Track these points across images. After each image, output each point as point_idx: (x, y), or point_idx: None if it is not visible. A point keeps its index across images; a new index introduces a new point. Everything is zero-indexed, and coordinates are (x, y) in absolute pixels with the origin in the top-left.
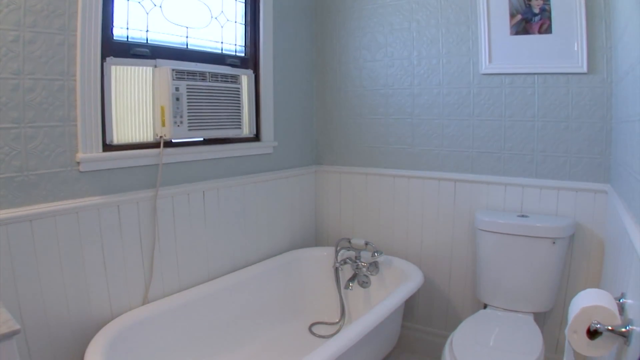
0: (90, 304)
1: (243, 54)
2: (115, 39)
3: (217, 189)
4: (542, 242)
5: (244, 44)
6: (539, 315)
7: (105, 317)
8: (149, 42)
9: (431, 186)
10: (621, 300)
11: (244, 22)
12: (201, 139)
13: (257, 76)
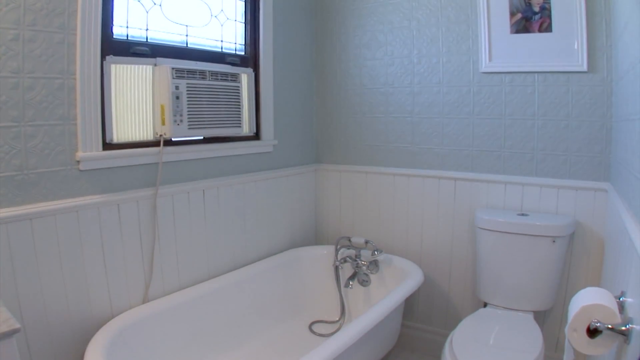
0: (90, 302)
1: (243, 53)
2: (115, 37)
3: (217, 188)
4: (542, 241)
5: (243, 43)
6: (539, 313)
7: (106, 316)
8: (148, 40)
9: (431, 185)
10: (621, 299)
11: (243, 21)
12: (201, 137)
13: (257, 75)
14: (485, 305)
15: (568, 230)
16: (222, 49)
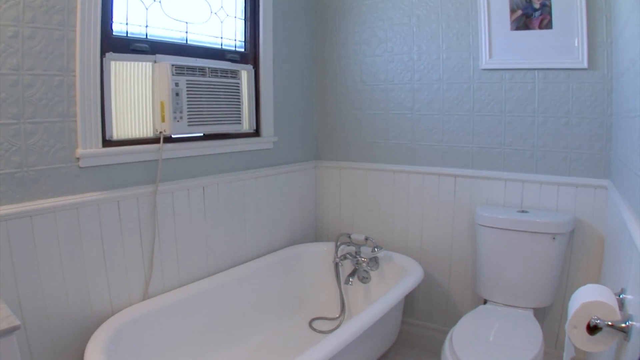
0: (91, 299)
1: (243, 49)
2: (114, 34)
3: (217, 185)
4: (542, 238)
5: (243, 39)
6: (538, 310)
7: (106, 313)
8: (148, 37)
9: (431, 181)
10: (621, 296)
11: (243, 18)
12: (201, 134)
13: (256, 71)
14: (485, 302)
15: (568, 227)
16: (222, 45)
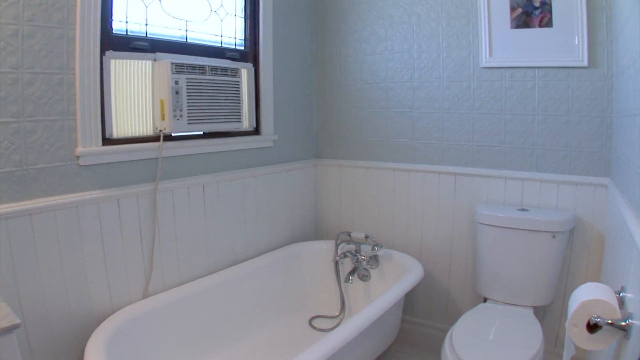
0: (91, 298)
1: (243, 48)
2: (114, 32)
3: (217, 183)
4: (542, 236)
5: (243, 38)
6: (538, 309)
7: (106, 311)
8: (148, 35)
9: (431, 180)
10: (621, 294)
11: (243, 16)
12: (201, 132)
13: (256, 70)
14: (485, 300)
15: (568, 225)
16: (221, 44)
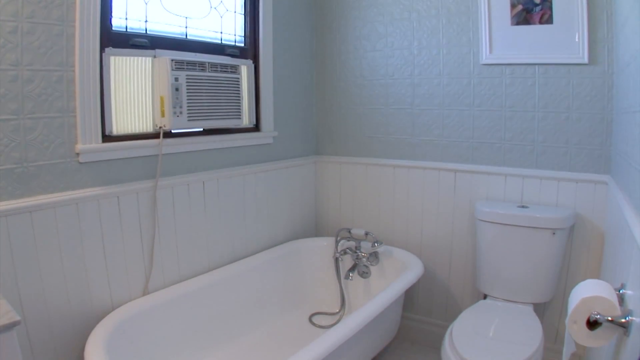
0: (91, 295)
1: (242, 44)
2: (114, 29)
3: (217, 180)
4: (542, 233)
5: (243, 34)
6: (538, 305)
7: (106, 308)
8: (148, 32)
9: (431, 176)
10: (621, 291)
11: (243, 12)
12: (201, 129)
13: (256, 66)
14: (485, 297)
15: (568, 222)
16: (221, 40)
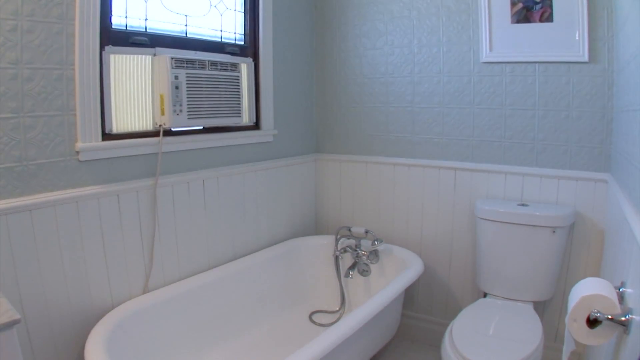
0: (91, 293)
1: (242, 43)
2: (113, 27)
3: (217, 178)
4: (542, 231)
5: (243, 32)
6: (538, 304)
7: (106, 307)
8: (147, 30)
9: (431, 175)
10: (621, 290)
11: (243, 10)
12: (201, 127)
13: (256, 64)
14: (485, 295)
15: (568, 220)
16: (221, 38)
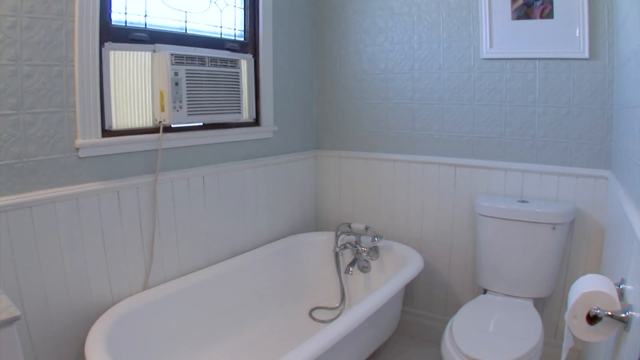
0: (91, 290)
1: (242, 39)
2: (113, 24)
3: (217, 174)
4: (542, 228)
5: (243, 29)
6: (538, 300)
7: (106, 303)
8: (147, 27)
9: (431, 171)
10: (621, 286)
11: (243, 7)
12: (200, 123)
13: (256, 61)
14: (485, 291)
15: (568, 217)
16: (221, 35)
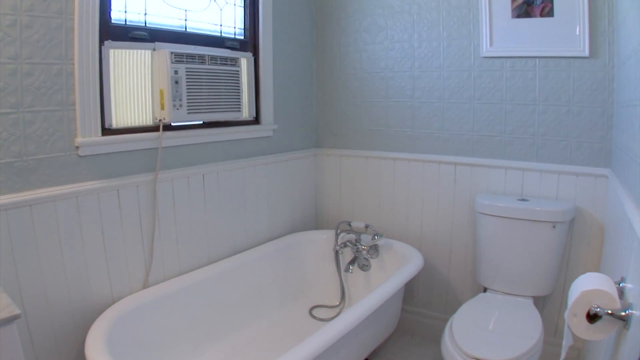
0: (91, 288)
1: (242, 37)
2: (113, 22)
3: (217, 172)
4: (542, 226)
5: (243, 27)
6: (538, 299)
7: (106, 302)
8: (147, 25)
9: (431, 169)
10: (621, 285)
11: (243, 5)
12: (200, 122)
13: (256, 59)
14: (485, 290)
15: (568, 215)
16: (221, 33)
